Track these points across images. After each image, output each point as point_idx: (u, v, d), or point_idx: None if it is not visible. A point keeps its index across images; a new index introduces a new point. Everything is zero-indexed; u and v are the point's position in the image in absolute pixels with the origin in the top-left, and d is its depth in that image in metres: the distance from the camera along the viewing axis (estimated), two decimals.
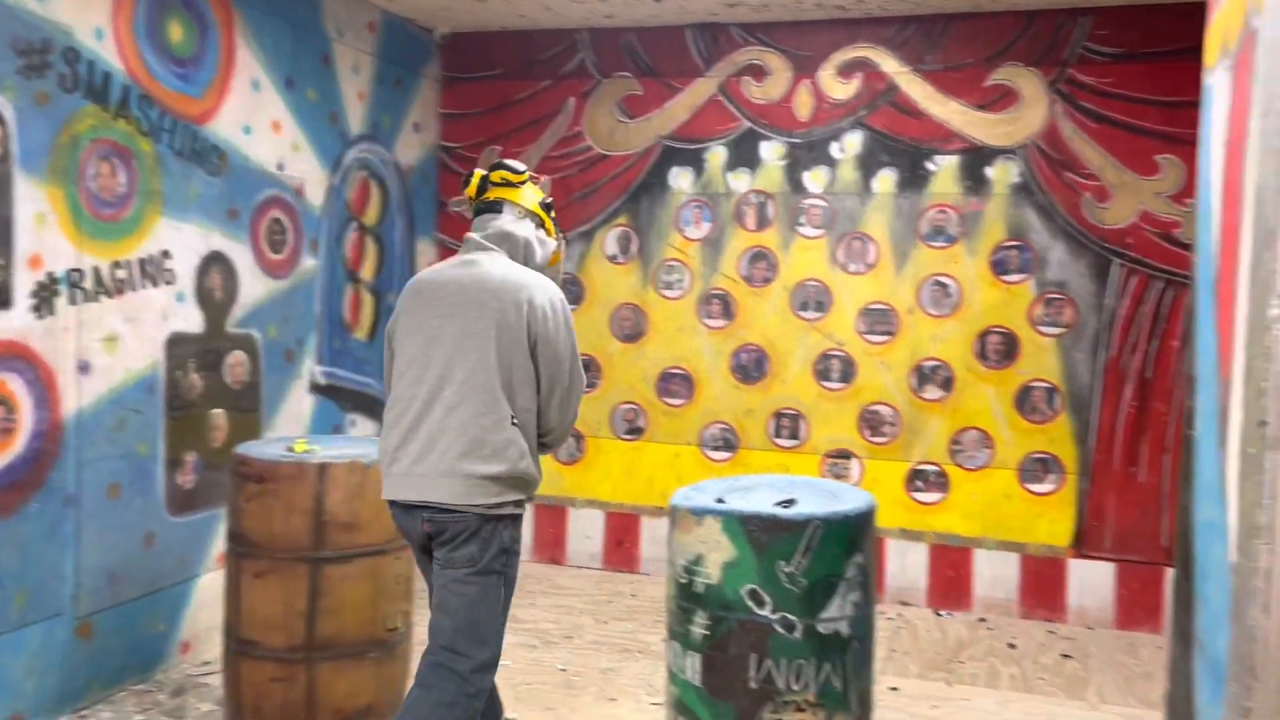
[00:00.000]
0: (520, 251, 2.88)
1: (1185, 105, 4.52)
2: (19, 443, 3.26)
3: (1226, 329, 1.86)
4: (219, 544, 4.05)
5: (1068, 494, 4.79)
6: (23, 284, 3.26)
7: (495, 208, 2.90)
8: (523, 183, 2.91)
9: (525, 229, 2.90)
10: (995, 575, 4.90)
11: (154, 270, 3.76)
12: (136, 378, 3.70)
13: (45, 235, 3.33)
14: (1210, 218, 2.08)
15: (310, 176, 4.61)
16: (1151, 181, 4.66)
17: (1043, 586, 4.84)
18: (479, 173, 2.96)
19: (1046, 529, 4.82)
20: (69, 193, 3.41)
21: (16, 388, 3.25)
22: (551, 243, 3.01)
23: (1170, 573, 4.26)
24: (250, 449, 3.42)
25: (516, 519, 2.80)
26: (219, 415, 4.11)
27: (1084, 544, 4.78)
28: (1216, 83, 2.09)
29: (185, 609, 3.98)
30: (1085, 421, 4.77)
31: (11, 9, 3.19)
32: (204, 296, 4.00)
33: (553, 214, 3.04)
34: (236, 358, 4.19)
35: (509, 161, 2.94)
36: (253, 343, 4.28)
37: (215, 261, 4.05)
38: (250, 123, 4.22)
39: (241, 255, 4.19)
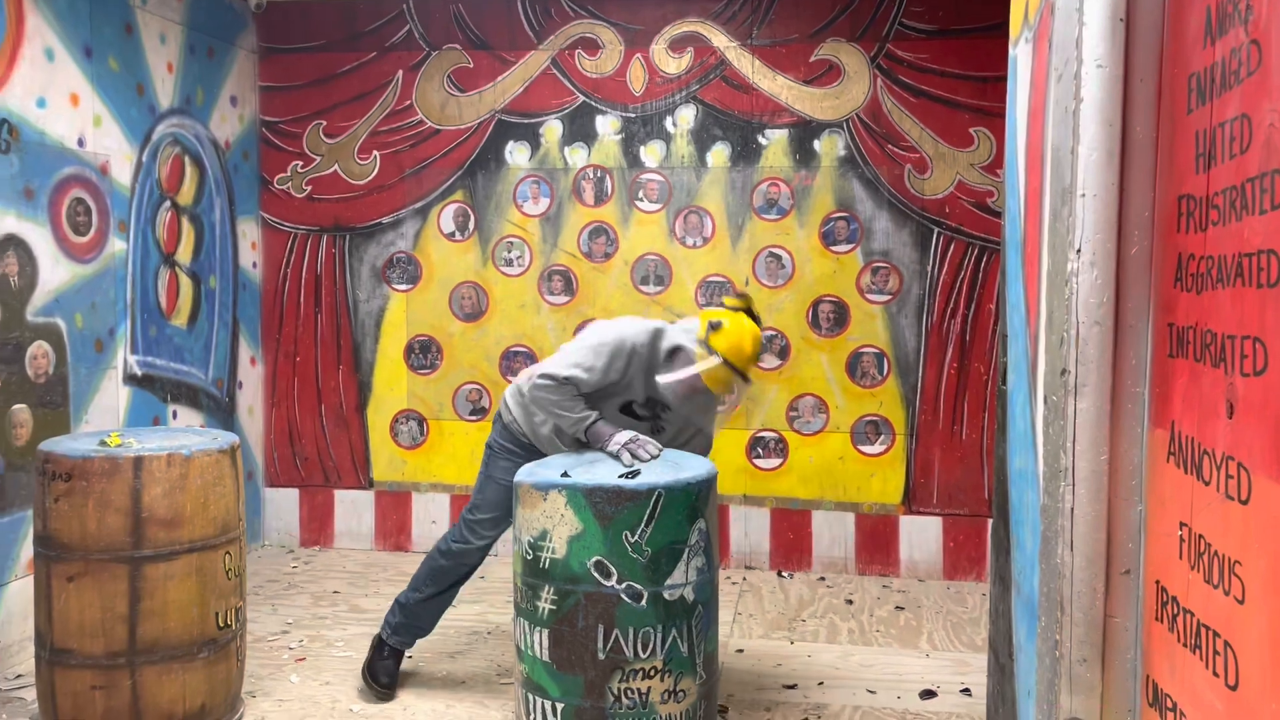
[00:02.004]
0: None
1: (995, 80, 4.77)
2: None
3: (1033, 286, 1.97)
4: (27, 549, 3.75)
5: (897, 454, 5.02)
6: None
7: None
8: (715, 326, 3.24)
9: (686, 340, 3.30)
10: (833, 535, 5.08)
11: None
12: None
13: None
14: (1016, 182, 2.19)
15: (116, 153, 4.31)
16: (966, 153, 4.90)
17: (877, 543, 5.06)
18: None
19: (879, 488, 5.04)
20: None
21: None
22: (692, 355, 3.25)
23: (991, 522, 4.53)
24: (57, 445, 3.17)
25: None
26: (21, 411, 3.80)
27: (913, 501, 5.02)
28: (1020, 54, 2.20)
29: None
30: (912, 385, 4.99)
31: None
32: None
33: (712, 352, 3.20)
34: (39, 349, 3.88)
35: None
36: (57, 332, 3.97)
37: (10, 245, 3.73)
38: (44, 95, 3.90)
39: (40, 238, 3.88)
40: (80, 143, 4.10)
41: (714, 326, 3.18)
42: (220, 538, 3.22)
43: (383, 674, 3.59)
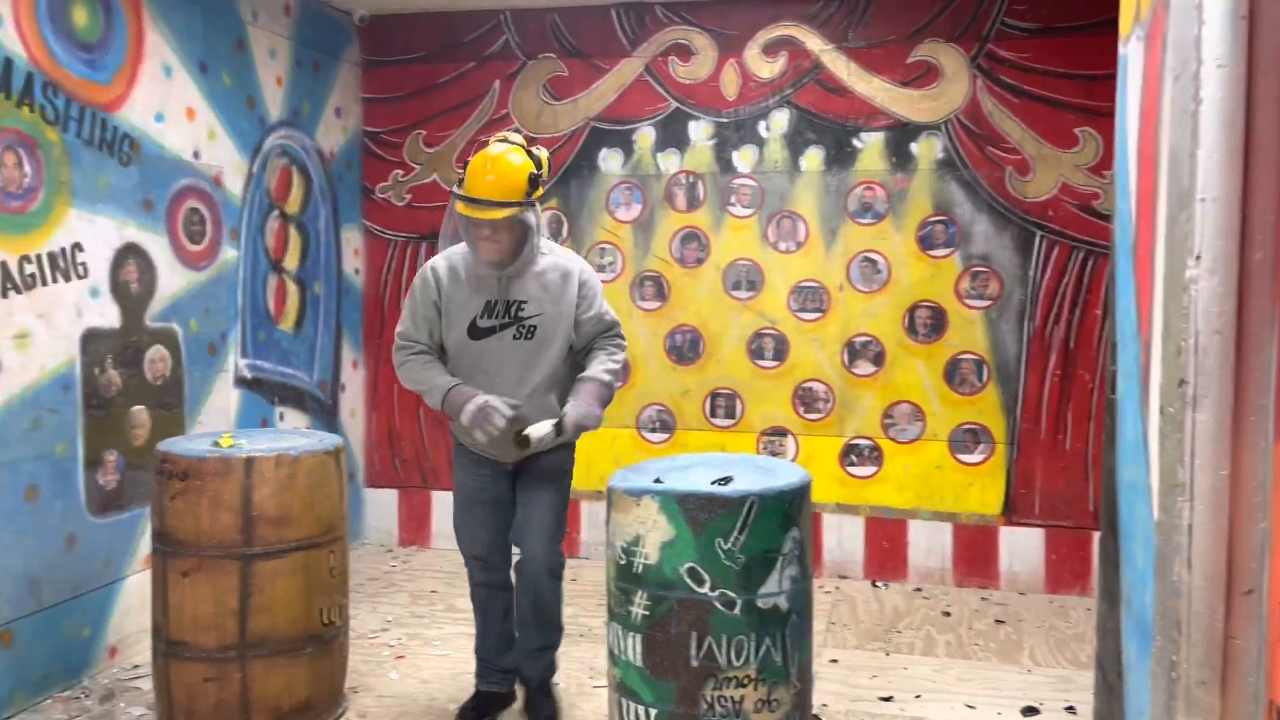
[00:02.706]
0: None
1: (1102, 78, 4.62)
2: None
3: (1145, 292, 1.90)
4: (145, 544, 3.93)
5: (997, 463, 4.89)
6: None
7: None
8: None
9: None
10: (929, 545, 4.98)
11: (65, 264, 3.62)
12: (51, 376, 3.57)
13: None
14: (1128, 185, 2.12)
15: (228, 164, 4.48)
16: (1071, 154, 4.76)
17: (975, 554, 4.94)
18: (545, 154, 3.21)
19: (978, 498, 4.92)
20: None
21: None
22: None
23: (1097, 535, 4.38)
24: (173, 445, 3.32)
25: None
26: (140, 412, 3.98)
27: (1014, 511, 4.89)
28: (1131, 52, 2.13)
29: (111, 612, 3.86)
30: (1013, 392, 4.86)
31: None
32: (120, 290, 3.87)
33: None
34: (157, 352, 4.06)
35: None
36: (173, 336, 4.15)
37: (131, 254, 3.92)
38: (163, 109, 4.08)
39: (158, 246, 4.06)
40: (195, 155, 4.27)
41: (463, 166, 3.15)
42: (325, 536, 3.32)
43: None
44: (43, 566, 3.55)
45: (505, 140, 3.16)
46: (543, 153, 3.18)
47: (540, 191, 3.13)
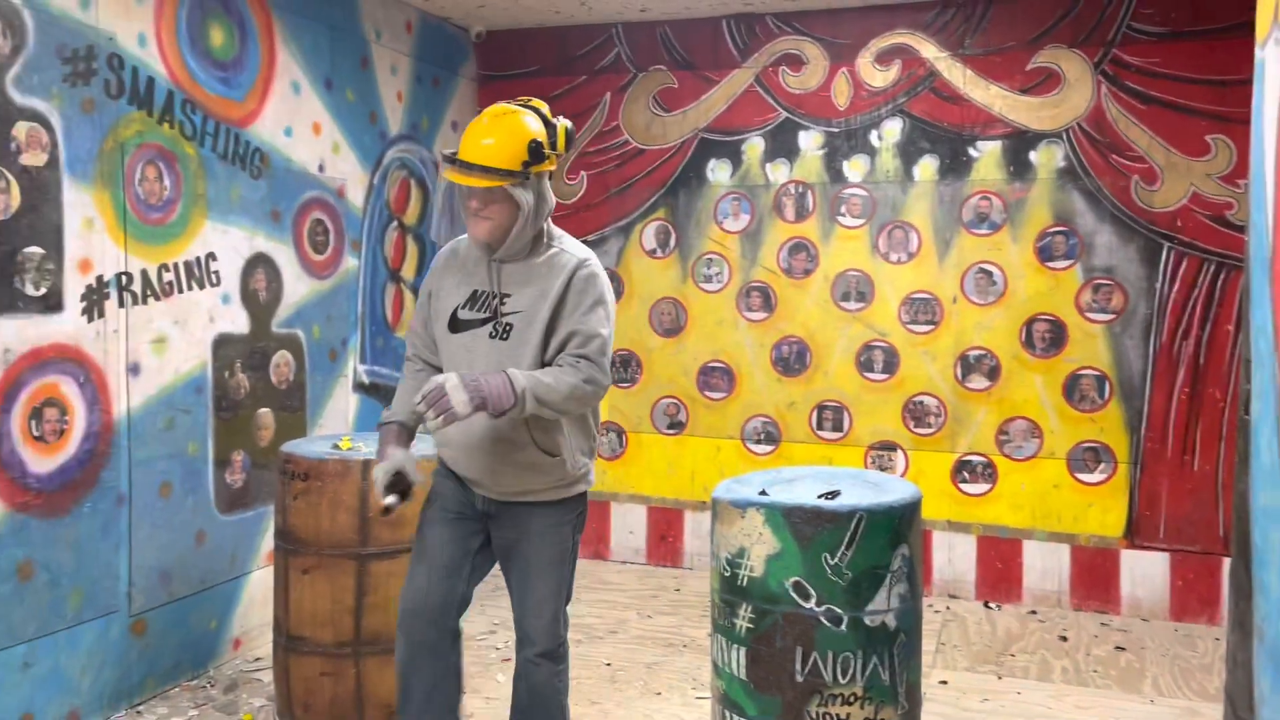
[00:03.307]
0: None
1: (1235, 84, 4.41)
2: (72, 443, 3.33)
3: None
4: (268, 541, 4.10)
5: (1119, 483, 4.70)
6: (73, 288, 3.32)
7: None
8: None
9: None
10: (1045, 567, 4.81)
11: (200, 272, 3.81)
12: (185, 378, 3.76)
13: (94, 240, 3.39)
14: (1265, 195, 2.02)
15: (351, 177, 4.65)
16: (1202, 162, 4.55)
17: (1095, 578, 4.75)
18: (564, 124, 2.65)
19: (1098, 519, 4.73)
20: (116, 197, 3.47)
21: (69, 390, 3.32)
22: None
23: (1228, 562, 4.17)
24: (296, 447, 3.46)
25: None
26: (266, 415, 4.16)
27: (1137, 534, 4.68)
28: (1269, 56, 2.03)
29: (236, 605, 4.04)
30: (1137, 409, 4.67)
31: (56, 17, 3.25)
32: (249, 297, 4.05)
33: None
34: (282, 357, 4.24)
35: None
36: (298, 342, 4.33)
37: (259, 263, 4.10)
38: (291, 125, 4.26)
39: (285, 256, 4.24)
40: (320, 168, 4.45)
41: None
42: None
43: None
44: (174, 560, 3.73)
45: (526, 104, 2.63)
46: (564, 123, 2.63)
47: (547, 166, 2.58)
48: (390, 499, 2.66)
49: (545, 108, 2.64)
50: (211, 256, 3.86)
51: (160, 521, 3.67)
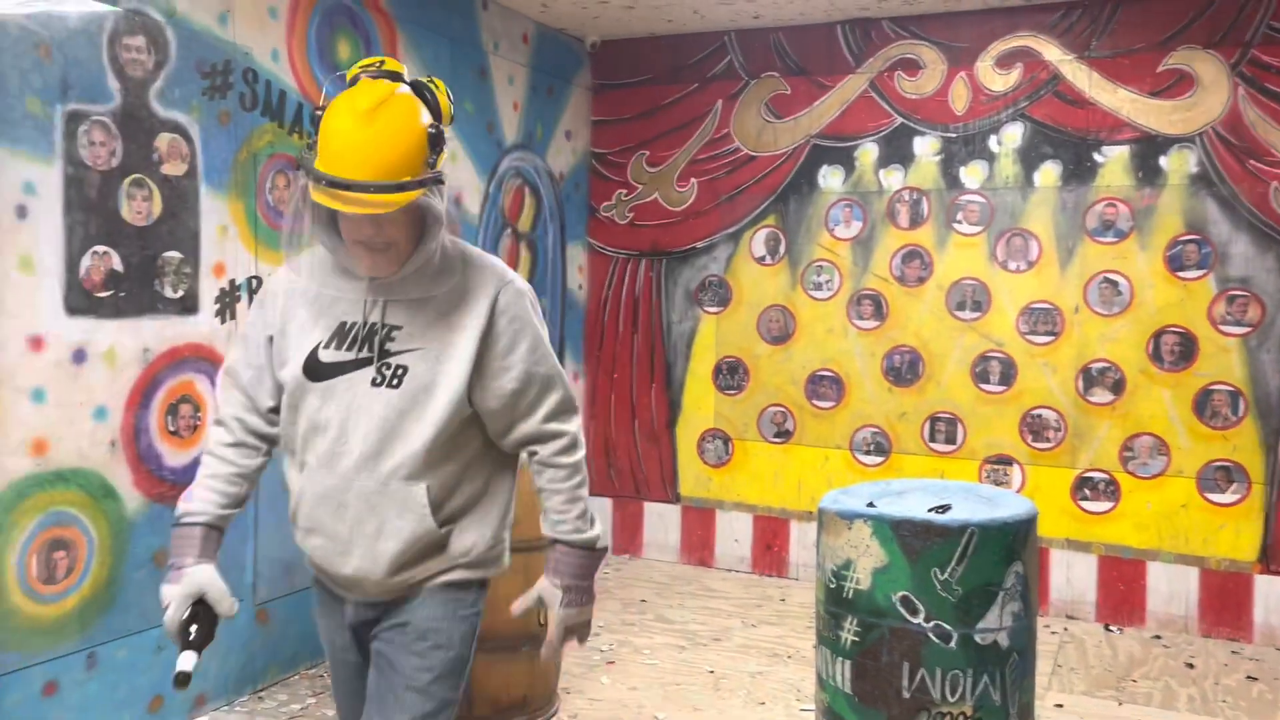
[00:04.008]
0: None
1: None
2: (204, 438, 3.49)
3: None
4: None
5: (1253, 505, 4.46)
6: (208, 291, 3.50)
7: None
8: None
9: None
10: (1172, 590, 4.60)
11: None
12: None
13: (227, 245, 3.57)
14: None
15: (468, 185, 4.78)
16: None
17: (1225, 603, 4.51)
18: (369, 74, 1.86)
19: (1229, 542, 4.50)
20: (248, 205, 3.64)
21: (203, 388, 3.50)
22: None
23: None
24: None
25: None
26: None
27: (1272, 558, 4.43)
28: None
29: None
30: (1274, 428, 4.42)
31: (197, 34, 3.43)
32: None
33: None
34: None
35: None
36: None
37: None
38: None
39: None
40: None
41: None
42: (542, 541, 3.45)
43: None
44: (295, 552, 3.86)
45: (382, 71, 1.85)
46: (440, 86, 1.94)
47: (445, 156, 1.90)
48: (186, 663, 1.77)
49: (401, 66, 1.91)
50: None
51: (284, 516, 3.82)
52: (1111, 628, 4.67)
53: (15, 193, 2.91)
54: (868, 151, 5.12)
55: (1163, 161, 4.58)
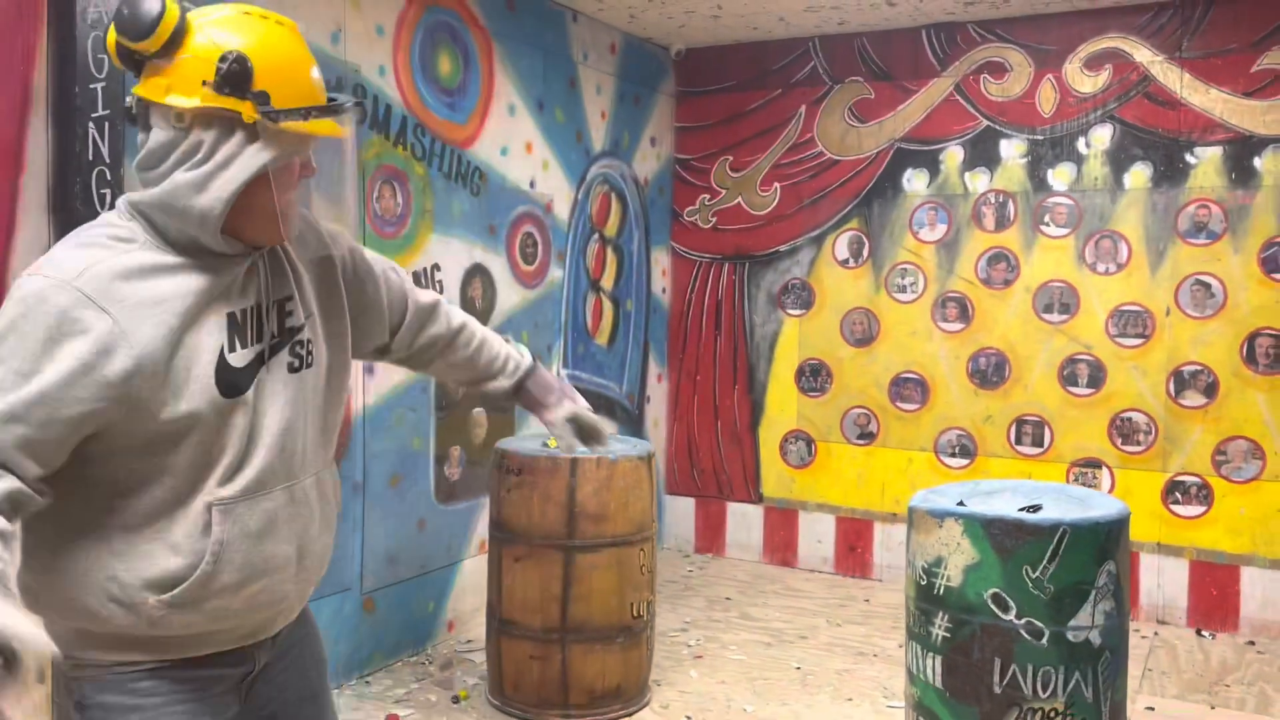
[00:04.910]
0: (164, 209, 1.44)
1: None
2: None
3: None
4: (480, 532, 4.40)
5: None
6: None
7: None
8: (164, 48, 1.40)
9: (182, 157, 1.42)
10: (1267, 596, 4.53)
11: (426, 281, 4.15)
12: (413, 379, 4.10)
13: None
14: None
15: (558, 193, 4.93)
16: None
17: None
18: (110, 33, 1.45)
19: None
20: (358, 213, 3.83)
21: None
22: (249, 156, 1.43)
23: None
24: (511, 444, 3.71)
25: None
26: (480, 414, 4.47)
27: None
28: None
29: (450, 590, 4.36)
30: None
31: (313, 52, 3.62)
32: (468, 305, 4.37)
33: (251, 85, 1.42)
34: None
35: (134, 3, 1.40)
36: None
37: (477, 273, 4.42)
38: (507, 144, 4.57)
39: (499, 267, 4.54)
40: (531, 185, 4.74)
41: (235, 77, 1.39)
42: (637, 535, 3.58)
43: None
44: (399, 545, 4.07)
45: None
46: None
47: None
48: None
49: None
50: (436, 267, 4.19)
51: (389, 509, 4.02)
52: (1204, 633, 4.62)
53: None
54: (953, 154, 5.14)
55: (1257, 162, 4.52)
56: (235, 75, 1.40)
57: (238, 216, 1.45)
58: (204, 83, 1.39)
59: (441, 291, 4.23)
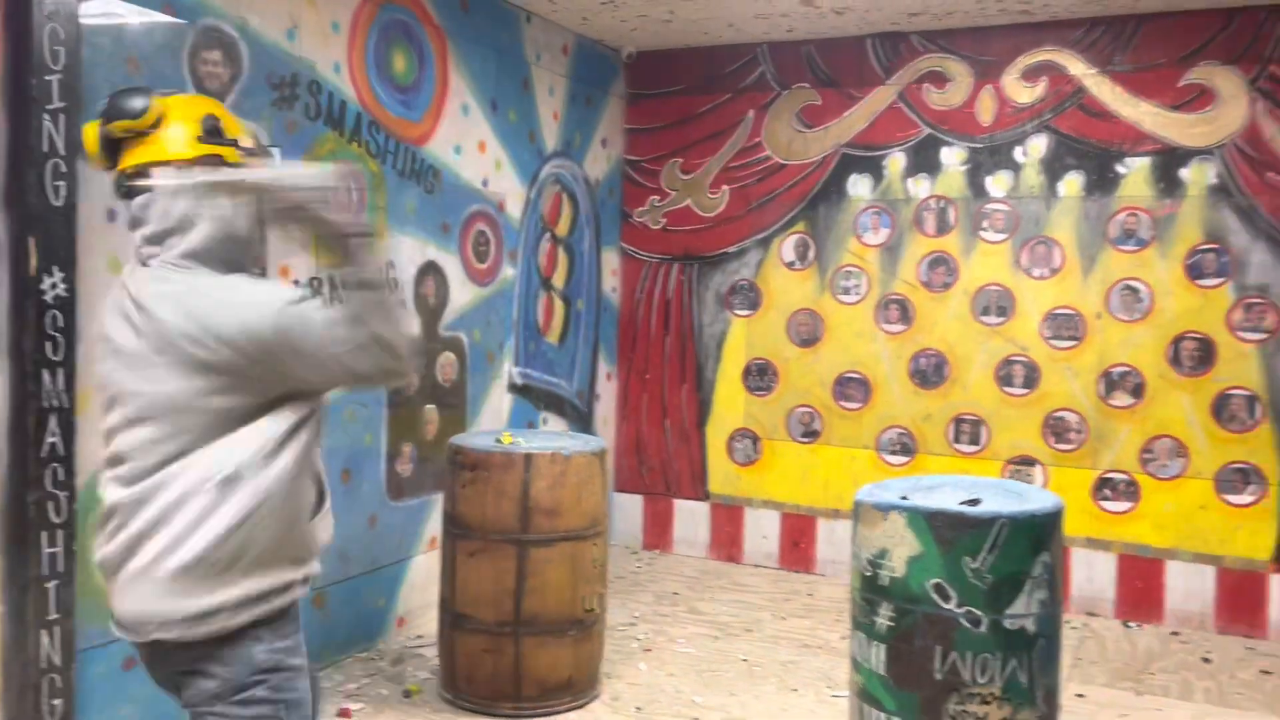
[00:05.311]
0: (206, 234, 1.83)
1: None
2: None
3: None
4: (430, 528, 4.43)
5: (1269, 506, 4.60)
6: None
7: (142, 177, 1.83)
8: (154, 124, 1.82)
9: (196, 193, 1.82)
10: (1189, 588, 4.74)
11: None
12: None
13: (291, 247, 3.76)
14: None
15: (510, 192, 4.97)
16: None
17: (1241, 602, 4.66)
18: (91, 128, 1.87)
19: (1245, 541, 4.64)
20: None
21: None
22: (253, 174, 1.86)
23: None
24: (465, 440, 3.75)
25: None
26: (431, 411, 4.49)
27: None
28: None
29: (400, 586, 4.37)
30: None
31: (268, 48, 3.63)
32: (420, 302, 4.39)
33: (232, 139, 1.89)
34: (446, 358, 4.57)
35: (123, 100, 1.83)
36: (460, 345, 4.65)
37: (430, 270, 4.44)
38: (460, 143, 4.59)
39: (452, 265, 4.57)
40: (484, 183, 4.78)
41: (216, 131, 1.87)
42: (589, 530, 3.64)
43: None
44: (350, 541, 4.08)
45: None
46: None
47: None
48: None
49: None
50: (390, 264, 4.19)
51: (340, 506, 3.98)
52: (1130, 624, 4.82)
53: (105, 197, 3.12)
54: (896, 161, 5.29)
55: (1183, 173, 4.73)
56: (215, 129, 1.87)
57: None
58: (197, 138, 1.84)
59: (395, 289, 4.23)
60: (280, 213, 1.82)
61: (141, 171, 1.82)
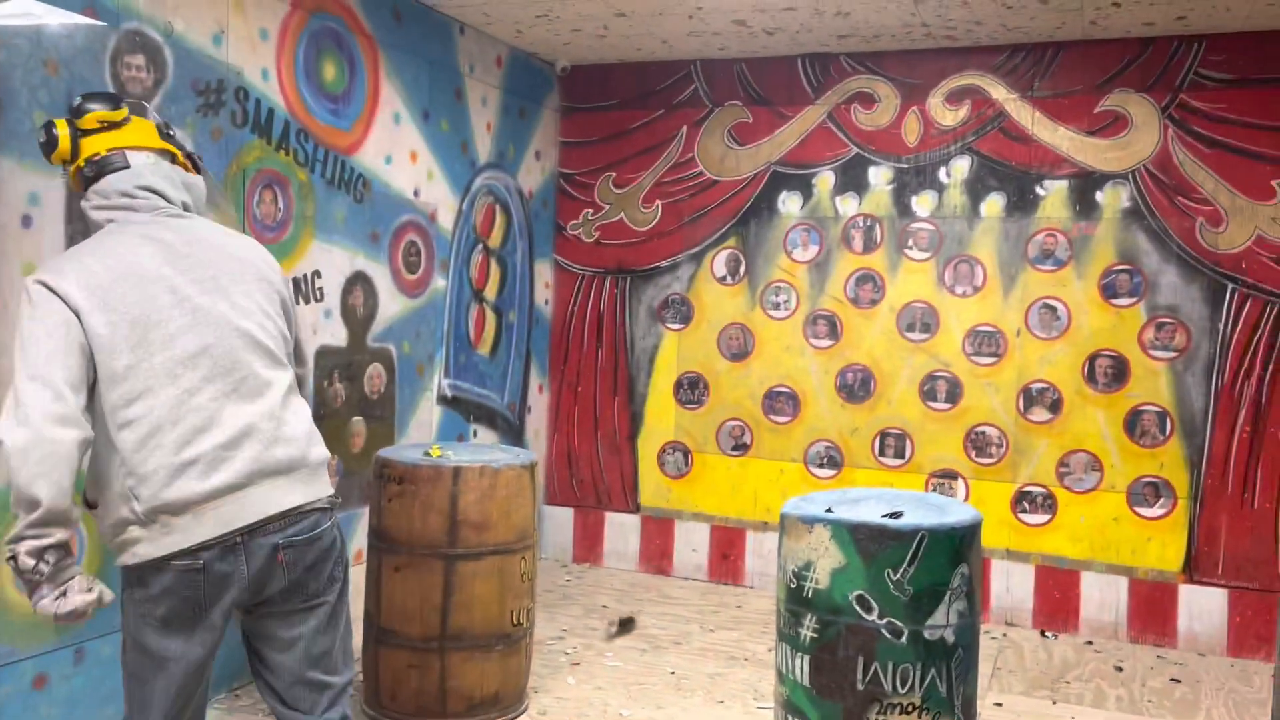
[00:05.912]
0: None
1: None
2: None
3: None
4: (356, 541, 4.36)
5: (1179, 518, 4.77)
6: None
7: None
8: (125, 118, 2.33)
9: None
10: (1103, 598, 4.89)
11: (307, 288, 4.11)
12: None
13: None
14: None
15: (442, 202, 4.94)
16: (1268, 206, 4.63)
17: (1152, 611, 4.82)
18: (62, 124, 2.27)
19: (1156, 553, 4.81)
20: (238, 218, 3.77)
21: None
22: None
23: None
24: (392, 453, 3.71)
25: None
26: (359, 423, 4.43)
27: (1195, 569, 4.75)
28: None
29: None
30: (1198, 447, 4.74)
31: (192, 53, 3.57)
32: (348, 313, 4.34)
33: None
34: (375, 370, 4.52)
35: (99, 95, 2.35)
36: (389, 356, 4.61)
37: (358, 281, 4.39)
38: (391, 153, 4.56)
39: (381, 275, 4.53)
40: (415, 194, 4.74)
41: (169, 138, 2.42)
42: (518, 544, 3.63)
43: None
44: None
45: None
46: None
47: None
48: None
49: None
50: (317, 274, 4.15)
51: None
52: (1047, 634, 4.95)
53: (21, 203, 3.03)
54: (825, 179, 5.39)
55: (1098, 196, 4.90)
56: (168, 129, 2.43)
57: None
58: (159, 134, 2.37)
59: (322, 299, 4.19)
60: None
61: (117, 153, 2.25)
